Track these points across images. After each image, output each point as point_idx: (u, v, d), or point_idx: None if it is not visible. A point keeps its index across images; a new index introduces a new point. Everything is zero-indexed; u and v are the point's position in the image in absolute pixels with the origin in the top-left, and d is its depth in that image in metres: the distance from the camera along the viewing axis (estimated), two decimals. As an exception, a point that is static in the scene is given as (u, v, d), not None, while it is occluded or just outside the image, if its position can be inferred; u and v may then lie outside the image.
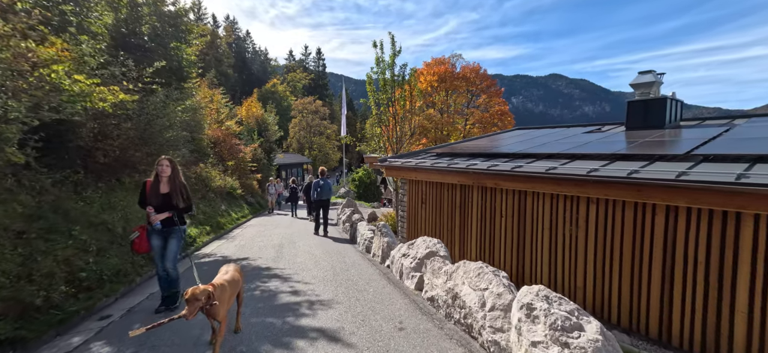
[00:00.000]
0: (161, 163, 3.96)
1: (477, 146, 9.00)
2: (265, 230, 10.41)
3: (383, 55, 12.24)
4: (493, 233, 5.98)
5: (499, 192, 5.86)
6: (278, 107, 45.44)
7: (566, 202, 5.02)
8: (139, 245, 3.92)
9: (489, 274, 3.44)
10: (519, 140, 8.90)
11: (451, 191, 6.82)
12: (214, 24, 71.11)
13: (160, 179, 3.94)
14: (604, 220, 4.66)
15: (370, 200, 26.46)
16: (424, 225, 7.68)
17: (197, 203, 10.51)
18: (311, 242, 8.18)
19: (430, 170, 7.15)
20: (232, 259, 6.67)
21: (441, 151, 9.17)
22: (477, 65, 29.71)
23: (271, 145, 26.20)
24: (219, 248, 7.83)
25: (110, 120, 5.59)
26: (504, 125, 30.02)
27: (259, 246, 7.81)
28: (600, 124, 9.90)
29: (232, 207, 13.81)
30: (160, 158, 4.00)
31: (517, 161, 6.03)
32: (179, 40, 8.89)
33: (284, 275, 5.40)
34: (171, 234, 4.02)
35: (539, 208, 5.30)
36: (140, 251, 3.94)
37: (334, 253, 6.95)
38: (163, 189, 3.95)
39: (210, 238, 8.81)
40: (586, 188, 4.67)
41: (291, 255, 6.78)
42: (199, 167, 12.04)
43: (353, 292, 4.51)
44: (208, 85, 28.39)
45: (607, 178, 4.42)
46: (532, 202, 5.41)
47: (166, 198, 3.94)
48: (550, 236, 5.19)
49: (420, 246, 4.79)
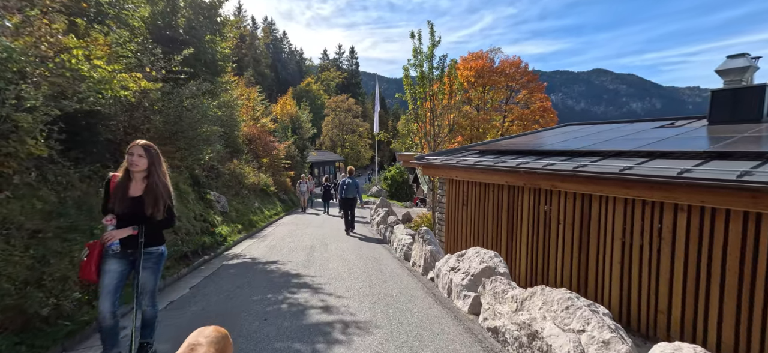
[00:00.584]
0: (132, 150, 2.63)
1: (525, 143, 8.18)
2: (296, 230, 10.13)
3: (421, 46, 11.57)
4: (547, 241, 5.25)
5: (557, 195, 5.12)
6: (312, 106, 45.99)
7: (645, 209, 4.17)
8: (85, 269, 2.53)
9: (583, 309, 2.61)
10: (575, 137, 8.00)
11: (498, 193, 6.15)
12: (253, 26, 73.57)
13: (130, 176, 2.65)
14: (699, 232, 3.78)
15: (403, 200, 25.86)
16: (465, 230, 7.05)
17: (230, 200, 10.43)
18: (343, 246, 7.72)
19: (474, 169, 6.51)
20: (261, 261, 6.33)
21: (484, 148, 8.49)
22: (518, 59, 28.22)
23: (305, 142, 26.33)
24: (249, 248, 7.56)
25: (138, 112, 5.39)
26: (546, 123, 28.28)
27: (290, 248, 7.46)
28: (671, 118, 8.74)
29: (265, 204, 13.76)
30: (132, 144, 2.68)
31: (577, 159, 5.27)
32: (214, 32, 8.74)
33: (315, 284, 4.93)
34: (142, 260, 2.65)
35: (608, 215, 4.49)
36: (85, 278, 2.57)
37: (369, 259, 6.42)
38: (132, 191, 2.63)
39: (241, 237, 8.61)
40: (676, 192, 3.81)
41: (322, 260, 6.33)
42: (233, 164, 12.01)
43: (394, 312, 3.91)
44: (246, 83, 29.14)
45: (707, 181, 3.54)
46: (598, 208, 4.60)
47: (135, 204, 2.60)
48: (623, 249, 4.37)
49: (472, 259, 4.10)
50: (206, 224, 7.50)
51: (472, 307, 3.74)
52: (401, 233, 7.09)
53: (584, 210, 4.75)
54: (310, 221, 12.03)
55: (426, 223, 11.65)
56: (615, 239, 4.43)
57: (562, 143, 7.36)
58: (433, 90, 11.70)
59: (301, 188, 15.81)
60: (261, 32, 74.10)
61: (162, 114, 5.62)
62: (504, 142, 9.43)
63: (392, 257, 6.59)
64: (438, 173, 8.40)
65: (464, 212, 7.09)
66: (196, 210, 7.57)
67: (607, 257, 4.48)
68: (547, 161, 5.42)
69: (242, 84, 24.10)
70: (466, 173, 6.80)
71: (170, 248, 5.57)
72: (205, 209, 8.26)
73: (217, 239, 7.31)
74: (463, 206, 7.21)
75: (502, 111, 30.72)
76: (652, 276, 4.08)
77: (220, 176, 10.71)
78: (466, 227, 6.99)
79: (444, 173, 7.61)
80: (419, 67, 11.70)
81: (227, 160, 12.17)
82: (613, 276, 4.43)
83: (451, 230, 7.59)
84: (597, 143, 6.30)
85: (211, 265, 6.10)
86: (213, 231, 7.47)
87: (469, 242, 6.80)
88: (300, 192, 15.80)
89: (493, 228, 6.26)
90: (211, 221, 7.90)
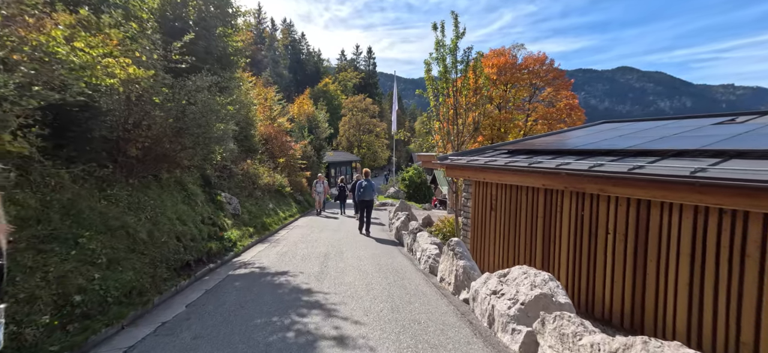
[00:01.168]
0: None
1: (559, 141, 7.40)
2: (311, 234, 9.52)
3: (444, 38, 10.75)
4: (593, 254, 4.54)
5: (605, 201, 4.42)
6: (329, 106, 45.75)
7: (724, 219, 3.40)
8: None
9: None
10: (617, 135, 7.15)
11: (532, 197, 5.49)
12: (272, 27, 74.21)
13: None
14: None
15: (421, 201, 25.03)
16: (494, 237, 6.37)
17: (243, 202, 9.94)
18: (361, 254, 7.03)
19: (505, 170, 5.83)
20: (270, 272, 5.70)
21: (514, 148, 7.73)
22: (543, 55, 26.91)
23: (321, 142, 25.91)
24: (259, 255, 6.96)
25: (137, 107, 4.86)
26: (572, 122, 26.83)
27: (303, 255, 6.82)
28: (729, 114, 7.85)
29: (280, 206, 13.27)
30: None
31: (629, 160, 4.59)
32: (226, 24, 8.24)
33: (328, 305, 4.25)
34: None
35: (673, 225, 3.75)
36: None
37: (390, 272, 5.71)
38: None
39: (252, 241, 8.06)
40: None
41: (338, 271, 5.66)
42: (247, 164, 11.53)
43: (424, 348, 3.19)
44: (263, 83, 29.05)
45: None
46: (659, 216, 3.86)
47: None
48: (692, 266, 3.60)
49: (520, 282, 3.30)
50: (215, 229, 6.98)
51: (524, 346, 2.92)
52: (426, 242, 6.34)
53: (640, 219, 4.05)
54: (326, 224, 11.40)
55: (448, 227, 10.88)
56: (681, 255, 3.68)
57: (607, 141, 6.57)
58: (457, 85, 10.88)
59: (317, 188, 14.95)
60: (280, 34, 74.69)
61: (163, 109, 5.07)
62: (535, 141, 8.68)
63: (415, 270, 5.85)
64: (463, 175, 7.72)
65: (493, 218, 6.44)
66: (205, 213, 7.06)
67: (670, 276, 3.75)
68: (592, 162, 4.75)
69: (260, 84, 23.97)
70: (496, 175, 6.15)
71: (172, 257, 5.04)
72: (215, 212, 7.75)
73: (226, 244, 6.76)
74: (491, 210, 6.56)
75: (524, 110, 29.42)
76: (733, 301, 3.30)
77: (233, 177, 10.23)
78: (495, 234, 6.36)
79: (470, 174, 6.96)
80: (442, 62, 10.90)
81: (241, 160, 11.72)
82: (680, 299, 3.68)
83: (478, 236, 6.93)
84: (648, 141, 5.52)
85: (215, 275, 5.52)
86: (222, 236, 6.93)
87: (498, 251, 6.23)
88: (316, 193, 14.95)
89: (526, 236, 5.62)
90: (221, 225, 7.38)
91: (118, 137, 5.04)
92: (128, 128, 5.12)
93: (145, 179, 5.87)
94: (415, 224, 7.63)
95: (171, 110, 5.19)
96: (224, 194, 8.70)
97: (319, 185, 14.92)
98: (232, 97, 8.11)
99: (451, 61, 10.85)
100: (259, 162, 13.16)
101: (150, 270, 4.37)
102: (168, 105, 5.13)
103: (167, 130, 5.51)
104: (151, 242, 4.76)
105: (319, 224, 11.35)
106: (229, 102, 7.55)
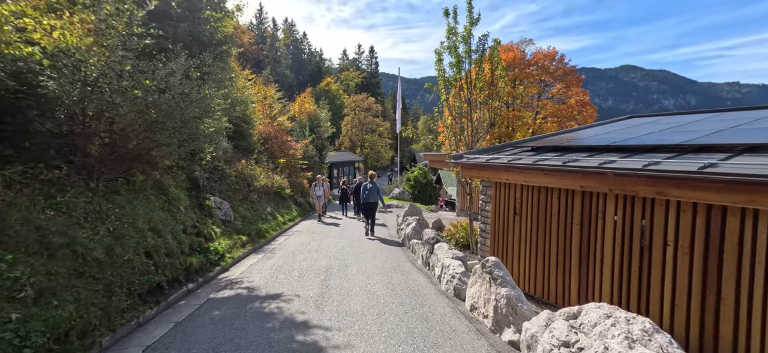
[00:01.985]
0: None
1: (589, 137, 6.70)
2: (311, 242, 8.55)
3: (456, 25, 9.75)
4: (645, 270, 3.86)
5: (662, 206, 3.71)
6: (331, 105, 44.83)
7: None
8: None
9: None
10: (659, 129, 6.29)
11: (566, 201, 4.80)
12: (274, 27, 73.40)
13: None
14: None
15: (427, 202, 24.05)
16: (518, 246, 5.62)
17: (237, 206, 9.00)
18: (368, 267, 6.06)
19: (533, 170, 5.06)
20: (260, 295, 4.70)
21: (538, 144, 6.88)
22: (553, 50, 25.91)
23: (323, 142, 24.97)
24: (250, 270, 5.98)
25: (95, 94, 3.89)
26: (584, 119, 25.83)
27: (300, 270, 5.84)
28: None
29: (279, 209, 12.33)
30: None
31: (690, 156, 3.94)
32: (214, 7, 7.30)
33: (330, 348, 3.28)
34: None
35: (759, 237, 3.02)
36: None
37: (405, 293, 4.72)
38: None
39: (245, 252, 7.09)
40: None
41: (342, 294, 4.67)
42: (242, 164, 10.57)
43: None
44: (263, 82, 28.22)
45: None
46: (739, 226, 3.14)
47: None
48: None
49: (605, 331, 2.20)
50: (199, 239, 6.02)
51: None
52: (446, 257, 5.36)
53: (712, 228, 3.33)
54: (328, 231, 10.41)
55: (461, 233, 9.91)
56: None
57: (650, 136, 5.72)
58: (471, 77, 9.89)
59: (316, 192, 13.24)
60: (281, 34, 73.93)
61: (124, 96, 4.11)
62: (558, 137, 7.85)
63: (436, 292, 4.83)
64: (482, 175, 6.87)
65: (516, 224, 5.68)
66: (188, 221, 6.11)
67: (756, 302, 3.01)
68: (647, 159, 4.05)
69: (260, 82, 23.09)
70: (522, 175, 5.38)
71: (137, 279, 4.08)
72: (202, 219, 6.81)
73: (211, 258, 5.79)
74: (515, 215, 5.77)
75: (533, 107, 28.38)
76: None
77: (226, 179, 9.28)
78: (519, 243, 5.59)
79: (490, 174, 6.19)
80: (454, 51, 9.91)
81: (237, 160, 10.78)
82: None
83: (498, 245, 6.10)
84: (704, 135, 4.81)
85: (193, 299, 4.55)
86: (207, 248, 5.98)
87: (523, 262, 5.49)
88: (316, 197, 13.33)
89: (558, 247, 4.89)
90: (207, 234, 6.43)
91: (72, 131, 4.10)
92: (86, 121, 4.18)
93: (113, 182, 4.93)
94: (430, 232, 6.65)
95: (137, 98, 4.23)
96: (214, 199, 7.76)
97: (318, 188, 13.32)
98: (224, 89, 7.17)
99: (464, 51, 9.85)
100: (255, 162, 12.21)
101: (102, 300, 3.41)
102: (133, 92, 4.17)
103: (136, 124, 4.56)
104: (110, 261, 3.80)
105: (321, 231, 10.36)
106: (220, 96, 6.62)
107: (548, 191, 5.14)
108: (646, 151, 4.68)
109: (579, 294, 4.68)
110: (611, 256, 4.27)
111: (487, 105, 10.39)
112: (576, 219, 4.72)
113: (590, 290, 4.53)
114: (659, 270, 3.73)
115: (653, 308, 3.82)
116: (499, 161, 5.95)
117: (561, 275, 4.86)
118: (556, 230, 4.99)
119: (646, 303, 3.90)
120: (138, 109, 4.30)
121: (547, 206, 5.18)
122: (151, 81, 4.21)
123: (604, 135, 6.87)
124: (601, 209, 4.43)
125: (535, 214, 5.34)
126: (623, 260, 4.15)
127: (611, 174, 4.10)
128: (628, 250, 4.10)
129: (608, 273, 4.29)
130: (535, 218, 5.34)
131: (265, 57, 62.18)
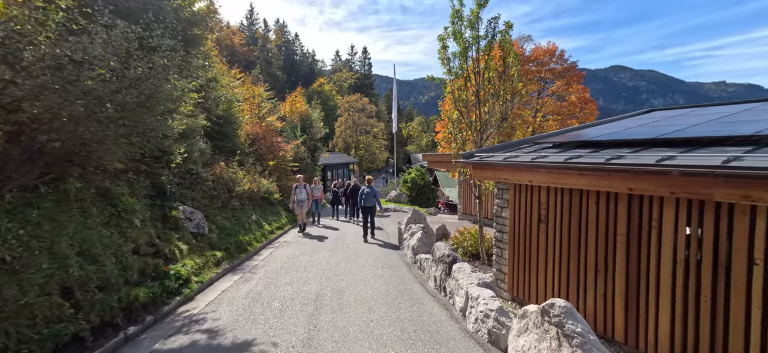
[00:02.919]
0: None
1: (618, 132, 5.80)
2: (300, 257, 7.37)
3: (462, 8, 8.68)
4: (721, 296, 3.05)
5: (746, 214, 2.94)
6: (324, 107, 43.66)
7: None
8: None
9: None
10: (702, 121, 5.52)
11: (607, 207, 3.99)
12: (266, 28, 72.02)
13: None
14: None
15: (425, 205, 22.96)
16: (544, 259, 4.80)
17: (213, 216, 7.80)
18: (369, 293, 4.94)
19: (564, 169, 4.21)
20: (224, 344, 3.51)
21: (559, 140, 5.92)
22: (553, 46, 25.14)
23: (316, 143, 23.76)
24: (220, 299, 4.79)
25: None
26: (585, 117, 25.17)
27: (283, 299, 4.67)
28: None
29: (266, 216, 11.13)
30: None
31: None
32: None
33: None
34: None
35: None
36: None
37: (422, 337, 3.64)
38: None
39: (219, 272, 5.90)
40: None
41: (336, 341, 3.53)
42: (220, 167, 9.34)
43: None
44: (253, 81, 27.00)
45: None
46: None
47: None
48: None
49: None
50: (157, 261, 4.84)
51: None
52: (472, 284, 4.24)
53: None
54: (318, 246, 9.11)
55: (470, 241, 8.85)
56: None
57: (700, 127, 4.77)
58: (480, 66, 8.81)
59: (298, 196, 10.55)
60: (273, 35, 72.64)
61: (29, 74, 2.93)
62: (585, 131, 7.13)
63: (462, 334, 3.70)
64: (498, 176, 5.99)
65: (541, 234, 4.89)
66: (143, 238, 4.91)
67: None
68: (724, 155, 3.14)
69: (249, 81, 21.90)
70: (549, 176, 4.56)
71: (35, 334, 2.88)
72: (165, 233, 5.62)
73: (169, 285, 4.60)
74: (540, 223, 5.01)
75: (532, 105, 27.57)
76: None
77: (201, 183, 8.06)
78: (545, 256, 4.79)
79: (508, 175, 5.42)
80: (459, 37, 8.80)
81: (215, 162, 9.55)
82: None
83: (519, 257, 5.27)
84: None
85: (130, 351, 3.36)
86: (166, 271, 4.78)
87: (550, 279, 4.65)
88: (296, 202, 10.56)
89: (596, 262, 4.05)
90: (169, 254, 5.24)
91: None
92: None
93: (33, 190, 3.73)
94: (444, 247, 5.54)
95: (55, 76, 3.05)
96: (183, 208, 6.55)
97: (300, 191, 10.59)
98: (194, 81, 5.99)
99: (472, 36, 8.75)
100: (239, 164, 10.98)
101: None
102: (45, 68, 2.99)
103: (61, 110, 3.37)
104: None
105: (311, 244, 9.14)
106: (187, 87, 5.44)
107: (583, 195, 4.30)
108: (709, 144, 3.78)
109: (626, 325, 3.75)
110: (669, 275, 3.38)
111: (498, 97, 9.29)
112: (621, 229, 3.84)
113: (641, 321, 3.62)
114: (742, 297, 2.90)
115: (734, 348, 2.93)
116: (519, 160, 5.04)
117: (603, 296, 3.95)
118: (594, 242, 4.14)
119: (724, 341, 3.00)
120: (49, 88, 3.11)
121: (582, 213, 4.33)
122: (63, 51, 3.03)
123: (638, 128, 5.88)
124: (656, 217, 3.55)
125: (565, 222, 4.51)
126: (689, 282, 3.26)
127: (678, 174, 3.18)
128: (697, 271, 3.21)
129: (667, 302, 3.40)
130: (567, 227, 4.46)
131: (256, 58, 60.78)
